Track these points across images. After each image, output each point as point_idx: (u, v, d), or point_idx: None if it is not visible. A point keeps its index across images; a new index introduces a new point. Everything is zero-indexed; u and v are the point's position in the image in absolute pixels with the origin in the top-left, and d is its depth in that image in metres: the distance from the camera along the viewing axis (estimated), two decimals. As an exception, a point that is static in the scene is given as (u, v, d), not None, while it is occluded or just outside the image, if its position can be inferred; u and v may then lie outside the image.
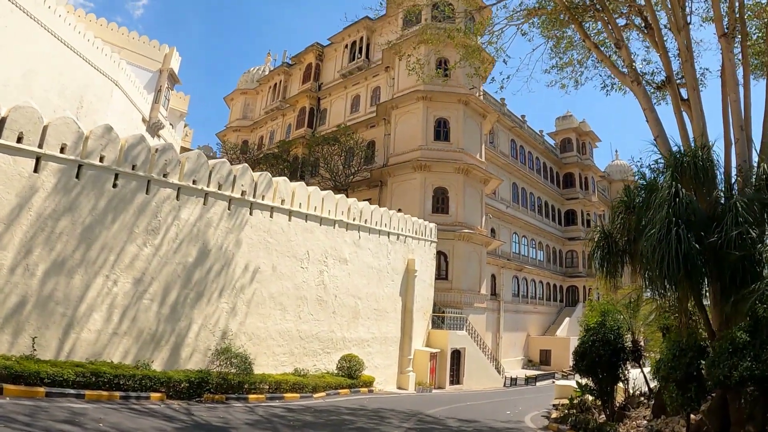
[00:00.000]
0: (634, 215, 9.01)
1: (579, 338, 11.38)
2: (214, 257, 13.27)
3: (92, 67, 28.22)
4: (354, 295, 18.11)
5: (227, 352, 12.04)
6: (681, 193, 7.07)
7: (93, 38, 28.28)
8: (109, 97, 29.37)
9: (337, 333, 17.21)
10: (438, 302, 26.25)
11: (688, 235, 6.54)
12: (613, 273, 8.91)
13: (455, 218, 28.64)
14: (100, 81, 28.88)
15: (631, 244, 8.93)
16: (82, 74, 27.55)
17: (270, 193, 14.93)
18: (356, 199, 18.89)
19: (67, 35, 26.29)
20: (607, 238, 9.09)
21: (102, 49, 28.92)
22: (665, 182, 7.27)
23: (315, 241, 16.34)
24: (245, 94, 51.51)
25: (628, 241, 9.07)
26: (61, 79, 26.04)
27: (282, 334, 14.97)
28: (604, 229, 9.21)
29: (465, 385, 24.42)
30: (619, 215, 9.39)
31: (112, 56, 29.69)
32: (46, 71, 25.14)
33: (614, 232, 9.32)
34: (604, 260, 8.94)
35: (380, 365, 19.88)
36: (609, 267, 8.87)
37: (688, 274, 6.43)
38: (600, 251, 9.09)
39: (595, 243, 9.27)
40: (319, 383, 14.42)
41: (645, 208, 8.01)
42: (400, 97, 31.04)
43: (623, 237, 9.24)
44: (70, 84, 26.64)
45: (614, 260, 8.97)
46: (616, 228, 9.31)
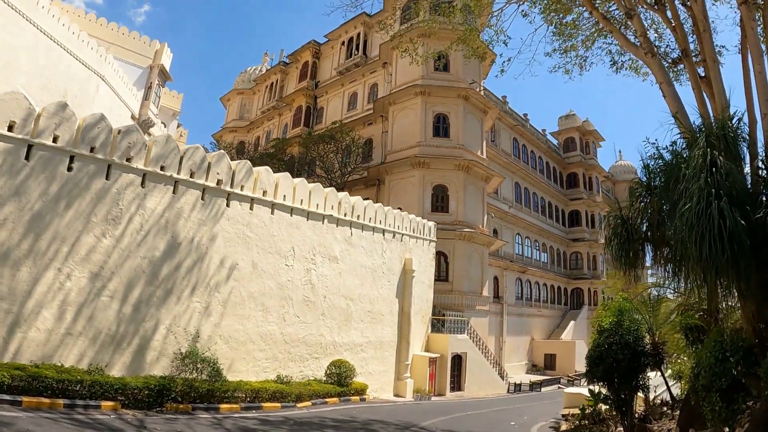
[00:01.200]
0: (655, 197, 7.72)
1: (590, 341, 10.05)
2: (184, 251, 12.01)
3: (77, 60, 27.17)
4: (345, 296, 16.82)
5: (192, 356, 10.74)
6: (719, 161, 5.81)
7: (78, 31, 27.27)
8: (94, 92, 28.30)
9: (327, 337, 15.89)
10: (438, 305, 24.95)
11: (731, 210, 5.29)
12: (633, 263, 7.61)
13: (455, 217, 27.35)
14: (85, 75, 27.83)
15: (654, 230, 7.64)
16: (67, 67, 26.51)
17: (250, 182, 13.69)
18: (347, 194, 17.63)
19: (51, 28, 25.26)
20: (625, 224, 7.80)
21: (88, 43, 27.90)
22: (698, 151, 6.01)
23: (301, 236, 15.08)
24: (242, 94, 50.57)
25: (650, 227, 7.77)
26: (44, 72, 25.00)
27: (264, 338, 13.67)
28: (621, 214, 7.92)
29: (466, 391, 23.03)
30: (638, 198, 8.10)
31: (98, 50, 28.65)
32: (28, 64, 24.12)
33: (633, 217, 8.02)
34: (622, 249, 7.64)
35: (375, 371, 18.53)
36: (629, 256, 7.57)
37: (734, 257, 5.17)
38: (617, 239, 7.79)
39: (612, 229, 7.97)
40: (304, 391, 13.10)
41: (674, 182, 6.72)
42: (398, 92, 29.88)
43: (644, 222, 7.94)
44: (53, 77, 25.58)
45: (634, 248, 7.67)
46: (636, 212, 8.01)
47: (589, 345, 10.47)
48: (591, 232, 46.61)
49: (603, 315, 10.04)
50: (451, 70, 29.86)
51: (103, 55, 29.06)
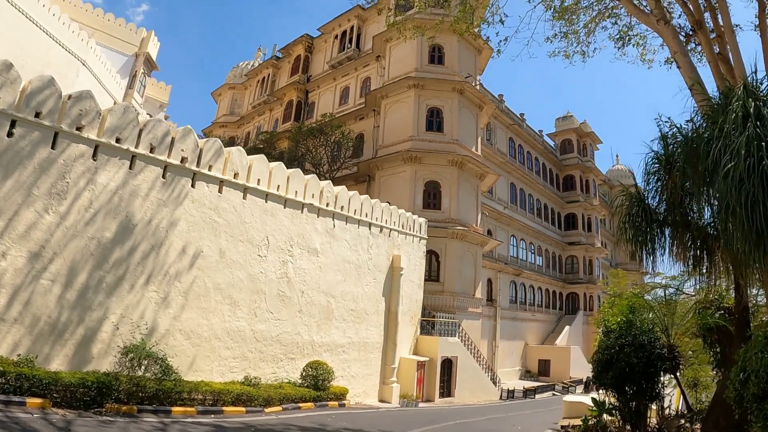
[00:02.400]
0: (676, 171, 6.54)
1: (595, 343, 8.82)
2: (140, 234, 10.72)
3: (56, 42, 25.85)
4: (326, 292, 15.54)
5: (136, 350, 9.41)
6: (765, 113, 4.67)
7: (59, 13, 25.99)
8: (74, 77, 26.92)
9: (304, 336, 14.60)
10: (428, 306, 23.72)
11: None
12: (651, 249, 6.42)
13: (448, 215, 26.18)
14: (65, 59, 26.49)
15: (674, 211, 6.46)
16: (45, 50, 25.19)
17: (219, 163, 12.44)
18: (330, 182, 16.40)
19: (28, 7, 23.98)
20: (641, 204, 6.62)
21: (69, 26, 26.60)
22: (737, 102, 4.87)
23: (277, 225, 13.81)
24: (233, 89, 49.41)
25: (669, 208, 6.60)
26: (20, 53, 23.67)
27: (231, 334, 12.37)
28: (638, 191, 6.73)
29: (457, 397, 21.73)
30: (654, 174, 6.91)
31: (80, 34, 27.34)
32: (2, 44, 22.82)
33: (649, 197, 6.83)
34: (638, 233, 6.46)
35: (358, 375, 17.24)
36: (646, 242, 6.38)
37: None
38: (631, 220, 6.61)
39: (626, 210, 6.79)
40: (274, 395, 11.79)
41: (699, 156, 5.57)
42: (391, 85, 28.77)
43: (662, 202, 6.76)
44: (30, 60, 24.25)
45: (651, 233, 6.49)
46: (652, 191, 6.82)
47: (594, 347, 9.23)
48: (587, 236, 45.56)
49: (609, 314, 8.84)
50: (446, 63, 28.80)
51: (85, 40, 27.76)
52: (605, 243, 51.44)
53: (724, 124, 4.89)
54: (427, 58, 28.87)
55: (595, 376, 7.53)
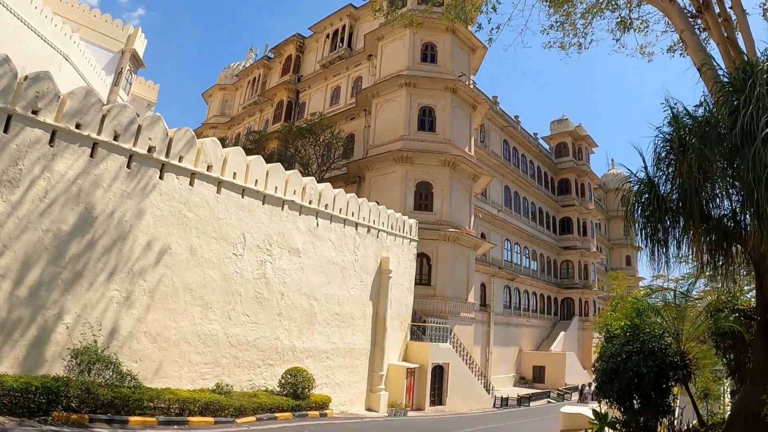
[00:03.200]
0: (691, 154, 5.77)
1: (597, 349, 8.01)
2: (101, 227, 9.85)
3: (37, 36, 24.96)
4: (308, 294, 14.68)
5: (86, 354, 8.52)
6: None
7: (41, 6, 25.13)
8: (56, 72, 25.99)
9: (284, 341, 13.72)
10: (418, 310, 22.90)
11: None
12: (664, 241, 5.63)
13: (440, 216, 25.41)
14: (47, 53, 25.60)
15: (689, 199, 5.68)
16: (26, 43, 24.30)
17: (191, 154, 11.60)
18: (314, 179, 15.58)
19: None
20: (652, 190, 5.84)
21: (51, 19, 25.74)
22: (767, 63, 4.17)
23: (254, 222, 12.97)
24: (224, 89, 48.67)
25: (683, 196, 5.82)
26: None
27: (203, 338, 11.48)
28: (648, 175, 5.94)
29: (448, 405, 20.84)
30: (664, 159, 6.14)
31: (63, 28, 26.49)
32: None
33: (659, 184, 6.05)
34: (650, 222, 5.67)
35: (344, 382, 16.35)
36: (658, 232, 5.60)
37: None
38: (641, 209, 5.83)
39: (635, 197, 6.00)
40: (247, 404, 10.89)
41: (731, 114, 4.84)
42: (382, 83, 28.07)
43: (674, 190, 5.98)
44: (9, 53, 23.30)
45: (663, 223, 5.71)
46: (664, 178, 6.04)
47: (594, 354, 8.40)
48: (583, 240, 44.94)
49: (612, 318, 8.03)
50: (439, 62, 28.16)
51: (68, 34, 26.90)
52: (600, 248, 50.87)
53: (754, 89, 4.16)
54: (420, 57, 28.23)
55: (598, 387, 6.67)
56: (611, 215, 58.67)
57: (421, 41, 28.53)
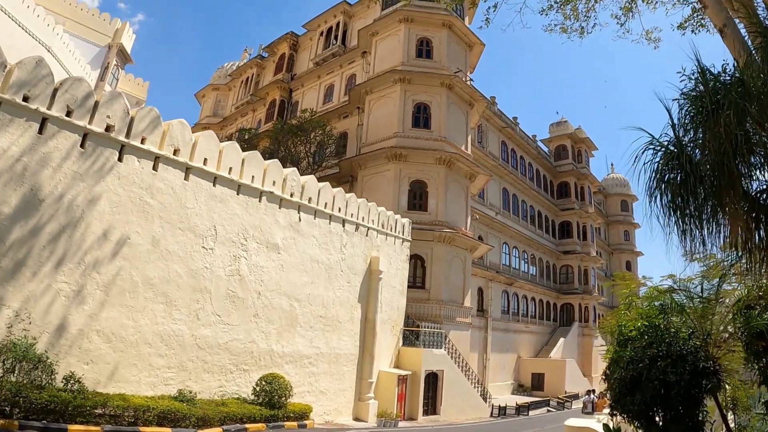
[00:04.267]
0: (727, 110, 4.69)
1: (607, 355, 6.89)
2: (49, 211, 8.78)
3: (18, 26, 24.00)
4: (289, 294, 13.57)
5: (15, 349, 7.37)
6: None
7: (23, -4, 24.22)
8: (35, 66, 25.10)
9: (261, 344, 12.58)
10: (412, 315, 21.76)
11: None
12: (697, 216, 4.52)
13: (435, 216, 24.35)
14: (28, 44, 24.59)
15: (729, 163, 4.60)
16: (5, 33, 23.34)
17: (155, 135, 10.55)
18: (296, 169, 14.53)
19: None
20: (681, 154, 4.74)
21: (33, 10, 24.82)
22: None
23: (228, 214, 11.88)
24: (217, 90, 47.82)
25: (718, 164, 4.72)
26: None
27: (166, 339, 10.35)
28: (677, 135, 4.82)
29: (443, 415, 19.65)
30: (693, 120, 5.05)
31: (45, 19, 25.56)
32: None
33: (691, 149, 4.94)
34: (676, 197, 4.57)
35: (329, 390, 15.19)
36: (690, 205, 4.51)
37: None
38: (669, 177, 4.72)
39: (660, 164, 4.88)
40: (213, 413, 9.75)
41: None
42: (376, 79, 27.13)
43: (705, 159, 4.87)
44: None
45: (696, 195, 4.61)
46: (693, 144, 4.93)
47: (605, 360, 7.27)
48: (583, 244, 43.86)
49: (625, 318, 6.91)
50: (435, 57, 27.26)
51: (51, 25, 25.97)
52: (600, 253, 49.81)
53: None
54: (415, 52, 27.34)
55: (614, 400, 5.49)
56: (611, 220, 57.72)
57: (416, 36, 27.67)
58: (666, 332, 5.48)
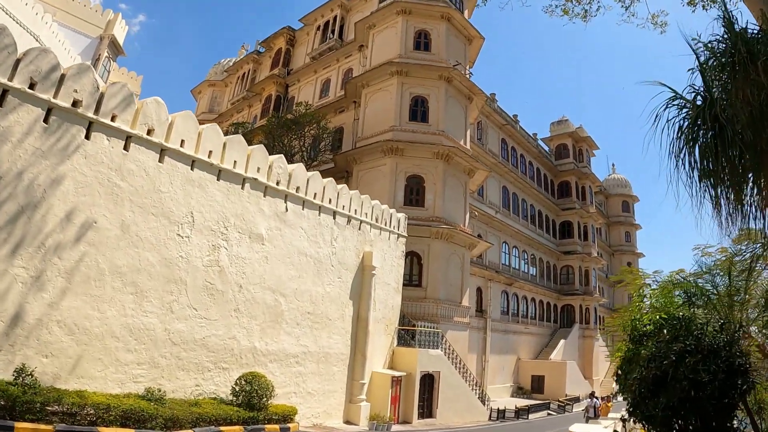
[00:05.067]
0: (763, 57, 3.94)
1: (617, 354, 6.11)
2: (7, 190, 7.99)
3: (5, 13, 23.30)
4: (274, 289, 12.78)
5: None
6: None
7: (9, -17, 23.53)
8: (23, 55, 24.42)
9: (242, 341, 11.78)
10: (407, 314, 20.98)
11: None
12: (737, 183, 3.77)
13: (432, 212, 23.58)
14: (15, 31, 23.68)
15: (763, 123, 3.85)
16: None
17: (127, 114, 9.78)
18: (283, 156, 13.76)
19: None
20: (711, 109, 3.99)
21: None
22: None
23: (207, 200, 11.11)
24: (213, 86, 47.20)
25: (754, 121, 3.96)
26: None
27: (136, 333, 9.56)
28: (708, 87, 4.06)
29: (439, 418, 18.82)
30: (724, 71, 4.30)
31: (34, 7, 24.88)
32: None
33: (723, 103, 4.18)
34: (706, 154, 3.81)
35: (317, 391, 14.39)
36: (722, 170, 3.76)
37: None
38: (704, 136, 3.97)
39: (690, 121, 4.11)
40: (183, 414, 8.94)
41: None
42: (372, 71, 26.39)
43: (743, 109, 4.11)
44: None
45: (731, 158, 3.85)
46: (722, 98, 4.18)
47: (616, 359, 6.48)
48: (584, 245, 43.05)
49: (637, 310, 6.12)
50: (433, 50, 26.53)
51: (40, 14, 25.27)
52: (601, 254, 49.01)
53: None
54: (413, 45, 26.62)
55: (633, 404, 4.61)
56: (612, 221, 56.98)
57: (414, 29, 26.96)
58: (691, 324, 4.65)
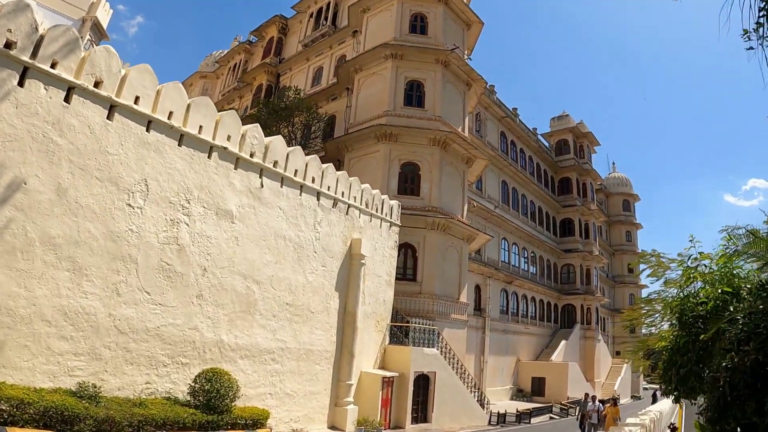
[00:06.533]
0: None
1: (661, 342, 4.71)
2: None
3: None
4: (246, 274, 11.26)
5: None
6: None
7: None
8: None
9: (207, 332, 10.25)
10: (401, 310, 19.50)
11: None
12: None
13: (428, 202, 22.12)
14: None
15: None
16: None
17: (71, 61, 8.27)
18: (258, 126, 12.27)
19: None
20: None
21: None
22: None
23: (165, 168, 9.60)
24: (204, 77, 45.86)
25: None
26: None
27: (72, 318, 8.03)
28: None
29: (434, 423, 17.28)
30: None
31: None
32: None
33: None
34: None
35: (297, 392, 12.85)
36: None
37: None
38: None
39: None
40: (121, 416, 7.39)
41: None
42: (366, 54, 24.98)
43: None
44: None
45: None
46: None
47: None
48: (585, 243, 41.63)
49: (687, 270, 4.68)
50: (430, 33, 25.16)
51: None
52: (602, 253, 47.63)
53: None
54: (408, 28, 25.24)
55: (719, 408, 3.13)
56: (613, 220, 55.65)
57: (409, 12, 25.59)
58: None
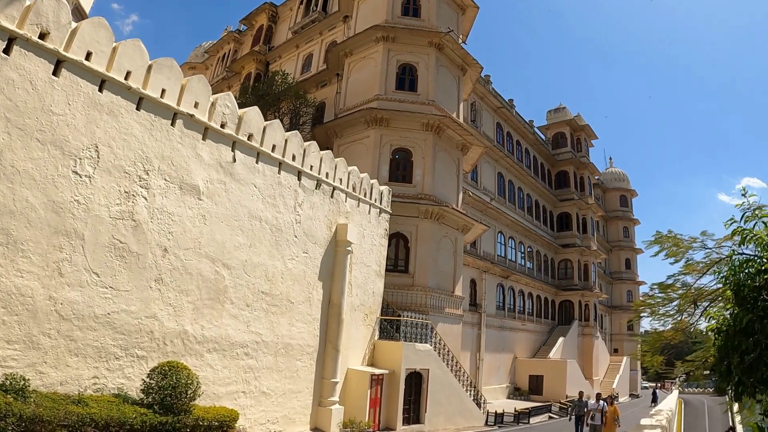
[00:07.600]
0: None
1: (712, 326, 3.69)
2: None
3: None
4: (214, 258, 10.10)
5: None
6: None
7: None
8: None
9: (167, 322, 9.08)
10: (392, 303, 18.43)
11: None
12: None
13: (421, 189, 21.04)
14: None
15: None
16: None
17: (13, 9, 6.96)
18: (231, 94, 11.14)
19: None
20: None
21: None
22: None
23: (120, 133, 8.43)
24: (193, 68, 44.53)
25: None
26: None
27: (4, 299, 6.83)
28: None
29: (428, 424, 16.21)
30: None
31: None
32: None
33: None
34: None
35: (275, 391, 11.72)
36: None
37: None
38: None
39: None
40: (54, 416, 6.21)
41: None
42: (357, 37, 23.86)
43: None
44: None
45: None
46: None
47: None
48: (583, 237, 40.71)
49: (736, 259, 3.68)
50: (423, 16, 24.06)
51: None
52: (600, 249, 46.77)
53: None
54: (401, 10, 24.13)
55: None
56: (610, 215, 54.87)
57: (402, -8, 24.52)
58: None
